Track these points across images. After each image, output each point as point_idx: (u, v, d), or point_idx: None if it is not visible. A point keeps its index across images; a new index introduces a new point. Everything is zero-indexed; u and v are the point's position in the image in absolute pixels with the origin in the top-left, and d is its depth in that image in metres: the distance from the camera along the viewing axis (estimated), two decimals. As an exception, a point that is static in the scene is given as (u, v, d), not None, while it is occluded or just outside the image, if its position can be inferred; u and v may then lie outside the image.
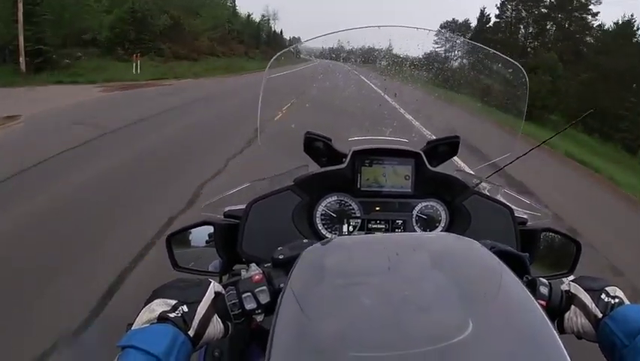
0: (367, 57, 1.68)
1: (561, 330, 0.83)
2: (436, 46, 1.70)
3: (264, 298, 0.79)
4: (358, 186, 1.23)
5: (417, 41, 1.61)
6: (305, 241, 0.88)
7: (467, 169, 2.19)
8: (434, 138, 1.35)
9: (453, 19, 61.83)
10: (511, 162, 1.31)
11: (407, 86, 1.70)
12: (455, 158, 1.41)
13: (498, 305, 0.63)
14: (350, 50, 1.67)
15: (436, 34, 1.62)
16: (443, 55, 1.74)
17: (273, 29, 76.30)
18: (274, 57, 1.47)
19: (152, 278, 2.71)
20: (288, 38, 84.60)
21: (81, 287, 3.15)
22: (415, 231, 1.23)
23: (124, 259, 3.52)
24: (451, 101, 1.84)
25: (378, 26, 1.41)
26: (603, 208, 7.74)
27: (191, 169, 6.37)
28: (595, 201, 8.28)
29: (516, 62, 1.45)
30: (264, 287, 0.79)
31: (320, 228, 1.22)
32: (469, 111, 1.85)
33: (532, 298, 0.65)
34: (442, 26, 60.58)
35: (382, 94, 1.67)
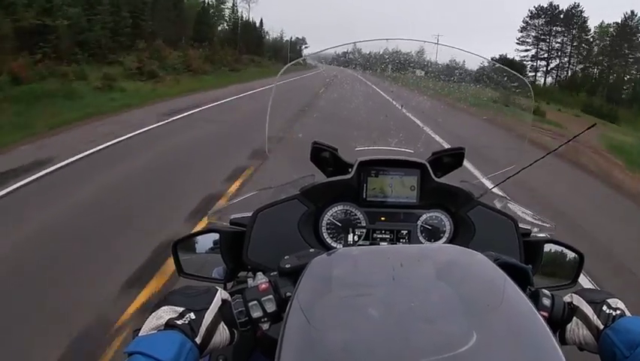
0: (375, 67, 1.70)
1: (563, 341, 0.83)
2: (443, 58, 1.72)
3: (271, 307, 0.80)
4: (364, 196, 1.24)
5: (424, 53, 1.63)
6: (311, 250, 0.89)
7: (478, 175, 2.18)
8: (439, 149, 1.36)
9: (551, 3, 46.68)
10: (515, 174, 1.32)
11: (414, 97, 1.71)
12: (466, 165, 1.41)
13: (501, 317, 0.64)
14: (358, 59, 1.69)
15: (443, 47, 1.63)
16: (450, 67, 1.75)
17: (244, 17, 55.35)
18: (281, 71, 1.50)
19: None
20: (288, 38, 76.92)
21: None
22: (419, 241, 1.24)
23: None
24: (458, 112, 1.85)
25: (387, 39, 1.43)
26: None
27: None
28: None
29: (521, 76, 1.47)
30: (271, 296, 0.81)
31: (325, 237, 1.23)
32: (476, 123, 1.86)
33: (535, 309, 0.66)
34: (532, 15, 45.85)
35: (390, 100, 1.69)
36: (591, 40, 45.76)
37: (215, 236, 1.22)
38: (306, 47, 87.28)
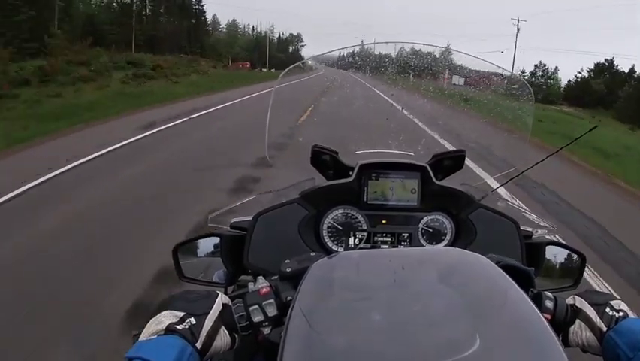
0: (376, 70, 1.70)
1: (566, 344, 0.83)
2: (444, 61, 1.73)
3: (272, 311, 0.80)
4: (365, 199, 1.24)
5: (425, 56, 1.63)
6: (312, 254, 0.89)
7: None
8: (440, 151, 1.36)
9: None
10: (516, 176, 1.32)
11: (415, 101, 1.71)
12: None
13: (504, 319, 0.63)
14: (359, 62, 1.69)
15: (445, 49, 1.64)
16: (451, 70, 1.76)
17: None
18: (282, 73, 1.49)
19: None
20: (278, 34, 65.65)
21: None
22: (420, 244, 1.24)
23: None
24: (459, 115, 1.85)
25: (386, 42, 1.44)
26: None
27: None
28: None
29: (522, 79, 1.47)
30: (272, 300, 0.80)
31: (326, 240, 1.23)
32: (477, 125, 1.87)
33: (538, 312, 0.66)
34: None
35: (392, 102, 1.68)
36: None
37: (216, 240, 1.22)
38: (302, 46, 75.61)
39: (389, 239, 1.24)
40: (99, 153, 7.67)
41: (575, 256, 1.24)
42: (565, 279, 1.24)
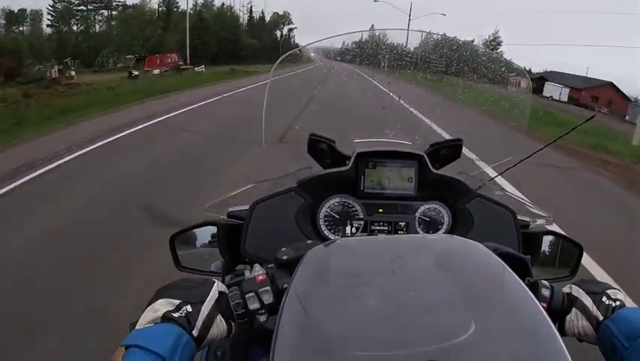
0: (372, 59, 1.69)
1: (562, 333, 0.83)
2: (441, 49, 1.71)
3: (268, 299, 0.80)
4: (362, 187, 1.24)
5: (421, 43, 1.62)
6: (308, 242, 0.89)
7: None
8: (437, 140, 1.36)
9: None
10: (514, 165, 1.31)
11: (412, 89, 1.70)
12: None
13: (500, 306, 0.63)
14: (355, 51, 1.67)
15: (442, 37, 1.62)
16: (448, 58, 1.75)
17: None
18: (278, 60, 1.47)
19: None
20: (250, 11, 51.04)
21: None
22: (417, 233, 1.24)
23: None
24: (455, 103, 1.84)
25: (379, 30, 1.42)
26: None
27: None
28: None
29: (520, 66, 1.46)
30: (268, 287, 0.80)
31: (323, 229, 1.23)
32: (473, 114, 1.86)
33: (535, 299, 0.66)
34: None
35: (388, 92, 1.67)
36: None
37: (213, 229, 1.22)
38: (292, 29, 60.75)
39: (386, 228, 1.24)
40: None
41: (572, 246, 1.25)
42: (562, 269, 1.25)
